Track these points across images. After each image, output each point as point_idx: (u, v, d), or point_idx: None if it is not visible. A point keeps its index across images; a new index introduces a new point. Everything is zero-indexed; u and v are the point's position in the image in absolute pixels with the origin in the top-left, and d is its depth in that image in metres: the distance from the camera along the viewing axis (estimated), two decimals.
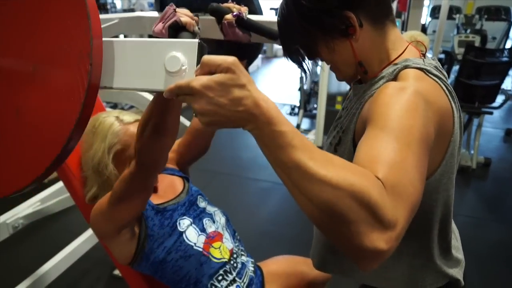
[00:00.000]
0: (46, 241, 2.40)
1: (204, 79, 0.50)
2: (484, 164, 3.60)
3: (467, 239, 2.54)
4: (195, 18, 0.81)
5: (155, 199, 1.11)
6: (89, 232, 1.84)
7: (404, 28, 4.95)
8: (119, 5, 7.09)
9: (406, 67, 0.72)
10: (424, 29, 5.52)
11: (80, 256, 1.84)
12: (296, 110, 4.99)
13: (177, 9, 0.79)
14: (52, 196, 1.61)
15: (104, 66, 0.57)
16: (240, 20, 0.90)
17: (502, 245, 2.52)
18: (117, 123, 1.09)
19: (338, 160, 0.52)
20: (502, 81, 3.48)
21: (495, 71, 3.46)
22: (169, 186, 1.20)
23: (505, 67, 3.47)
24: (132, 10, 6.50)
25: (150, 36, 0.84)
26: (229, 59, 0.50)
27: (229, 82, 0.50)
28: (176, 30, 0.76)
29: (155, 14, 1.14)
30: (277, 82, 7.23)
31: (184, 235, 1.09)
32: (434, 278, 0.83)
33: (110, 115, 1.12)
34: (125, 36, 4.82)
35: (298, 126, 4.44)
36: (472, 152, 3.55)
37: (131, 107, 4.07)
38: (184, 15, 0.78)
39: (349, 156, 0.77)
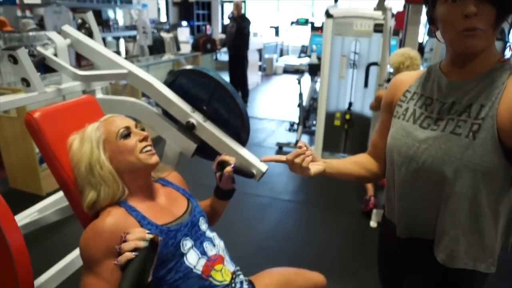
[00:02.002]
0: (44, 253, 2.38)
1: None
2: None
3: None
4: (151, 238, 0.88)
5: (158, 218, 1.10)
6: None
7: (401, 46, 5.03)
8: (121, 22, 7.20)
9: None
10: (421, 47, 5.59)
11: (78, 268, 1.83)
12: (295, 126, 5.03)
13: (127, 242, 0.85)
14: (50, 206, 1.61)
15: None
16: (233, 169, 1.24)
17: None
18: (97, 123, 1.15)
19: None
20: None
21: None
22: (173, 202, 1.20)
23: None
24: (134, 27, 6.59)
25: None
26: None
27: None
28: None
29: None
30: (276, 99, 7.30)
31: (185, 257, 1.09)
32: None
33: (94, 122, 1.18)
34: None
35: (297, 143, 4.47)
36: None
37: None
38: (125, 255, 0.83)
39: (493, 141, 0.83)
